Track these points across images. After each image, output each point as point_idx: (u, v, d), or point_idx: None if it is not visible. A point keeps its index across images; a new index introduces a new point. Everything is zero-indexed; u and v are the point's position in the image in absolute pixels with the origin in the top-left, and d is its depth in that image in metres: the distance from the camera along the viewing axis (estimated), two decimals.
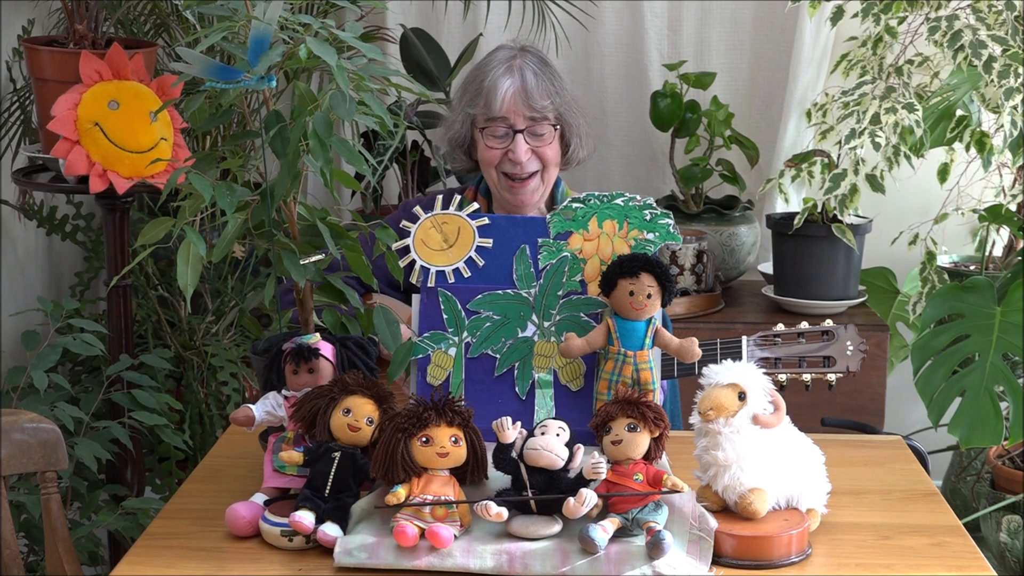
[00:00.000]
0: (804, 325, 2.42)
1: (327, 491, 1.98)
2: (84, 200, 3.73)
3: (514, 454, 1.95)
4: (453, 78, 3.71)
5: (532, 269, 2.22)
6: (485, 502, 1.91)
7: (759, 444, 2.00)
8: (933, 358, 3.21)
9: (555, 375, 2.21)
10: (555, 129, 2.62)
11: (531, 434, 1.96)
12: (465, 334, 2.22)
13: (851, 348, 2.39)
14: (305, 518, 1.94)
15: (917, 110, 3.24)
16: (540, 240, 2.22)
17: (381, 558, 1.91)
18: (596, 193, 2.23)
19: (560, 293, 2.22)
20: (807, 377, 2.39)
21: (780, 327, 2.42)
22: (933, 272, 3.47)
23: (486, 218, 2.24)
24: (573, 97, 2.67)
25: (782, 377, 2.39)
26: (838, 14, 3.53)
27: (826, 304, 3.51)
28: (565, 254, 2.22)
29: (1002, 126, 3.26)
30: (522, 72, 2.60)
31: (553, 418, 2.03)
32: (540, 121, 2.60)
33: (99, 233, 3.68)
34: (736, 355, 2.38)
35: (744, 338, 2.40)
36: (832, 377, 2.39)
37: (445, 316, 2.22)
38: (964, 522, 2.20)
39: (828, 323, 2.41)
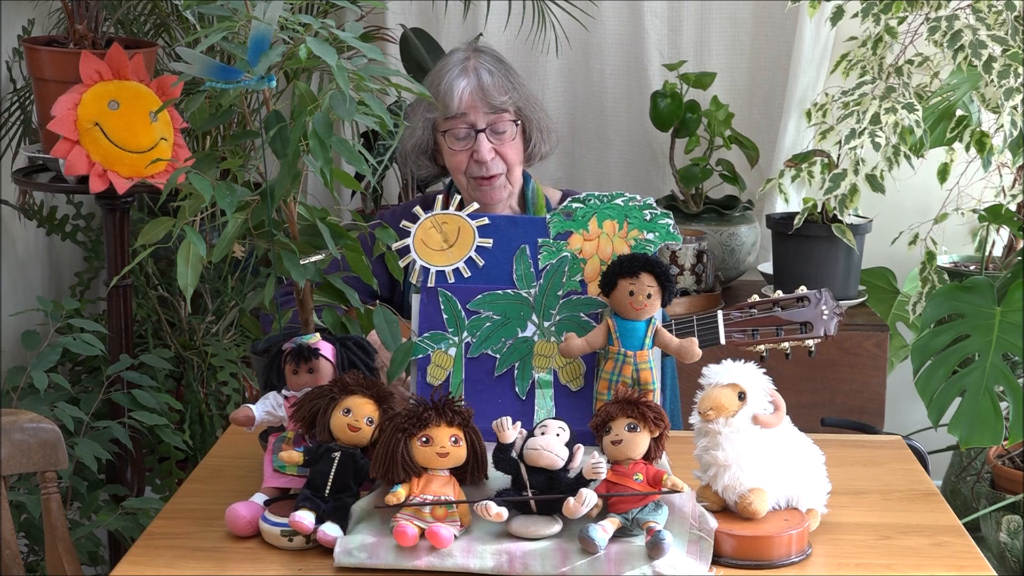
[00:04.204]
0: (779, 293, 2.41)
1: (327, 491, 1.98)
2: (84, 200, 3.73)
3: (514, 454, 1.95)
4: None
5: (532, 269, 2.22)
6: (485, 502, 1.91)
7: (759, 444, 2.00)
8: (933, 358, 3.21)
9: (555, 375, 2.21)
10: (516, 125, 2.64)
11: (531, 434, 1.96)
12: (465, 334, 2.22)
13: (827, 312, 2.37)
14: (305, 518, 1.94)
15: (917, 110, 3.24)
16: (540, 240, 2.22)
17: (381, 558, 1.91)
18: (596, 193, 2.23)
19: (560, 293, 2.22)
20: (786, 346, 2.38)
21: (755, 298, 2.41)
22: (933, 272, 3.46)
23: (486, 218, 2.24)
24: (531, 92, 2.72)
25: (761, 348, 2.37)
26: (838, 14, 3.53)
27: None
28: (565, 254, 2.22)
29: (1002, 126, 3.25)
30: (477, 72, 2.64)
31: (553, 418, 2.03)
32: (500, 116, 2.63)
33: (99, 233, 3.68)
34: (712, 329, 2.36)
35: (719, 312, 2.38)
36: (811, 343, 2.37)
37: (445, 316, 2.22)
38: (964, 522, 2.20)
39: (802, 290, 2.40)
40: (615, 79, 4.01)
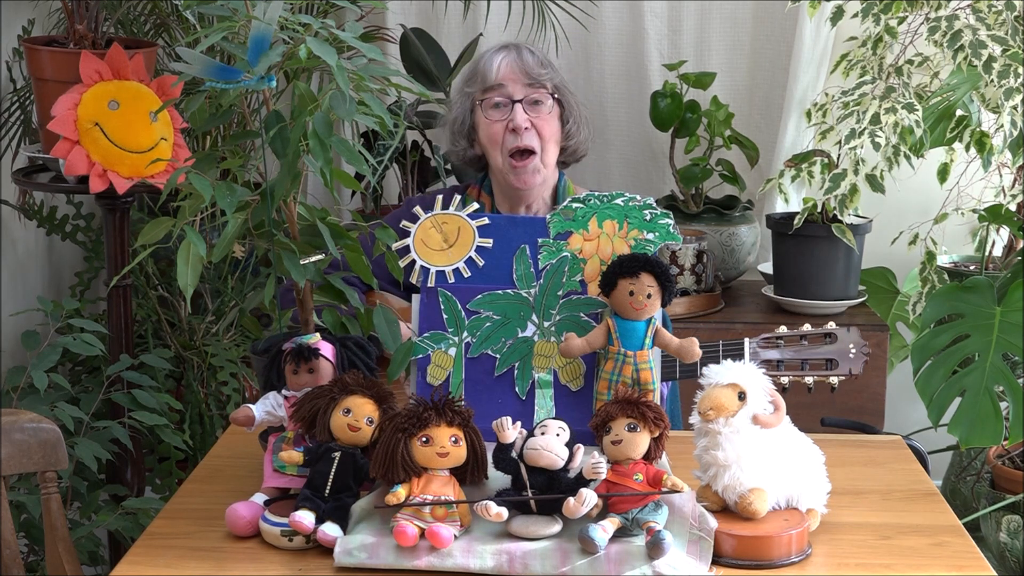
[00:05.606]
0: (807, 327, 2.42)
1: (327, 491, 1.98)
2: (84, 200, 3.73)
3: (514, 454, 1.95)
4: (453, 78, 3.71)
5: (532, 269, 2.22)
6: (485, 502, 1.91)
7: (759, 444, 2.00)
8: (933, 358, 3.21)
9: (555, 375, 2.21)
10: (553, 100, 2.66)
11: (531, 434, 1.96)
12: (465, 334, 2.22)
13: (853, 351, 2.39)
14: (305, 518, 1.94)
15: (917, 110, 3.24)
16: (540, 240, 2.22)
17: (381, 558, 1.91)
18: (596, 193, 2.23)
19: (560, 293, 2.22)
20: (809, 380, 2.39)
21: (783, 329, 2.42)
22: (933, 272, 3.47)
23: (486, 218, 2.24)
24: (569, 84, 2.77)
25: (784, 379, 2.39)
26: (838, 14, 3.53)
27: (826, 304, 3.51)
28: (565, 254, 2.22)
29: (1002, 126, 3.25)
30: (518, 49, 2.72)
31: (553, 418, 2.03)
32: (538, 90, 2.66)
33: (99, 233, 3.68)
34: (739, 357, 2.38)
35: (747, 340, 2.40)
36: (834, 380, 2.39)
37: (445, 316, 2.22)
38: (964, 522, 2.20)
39: (831, 325, 2.41)
40: (615, 79, 4.01)
